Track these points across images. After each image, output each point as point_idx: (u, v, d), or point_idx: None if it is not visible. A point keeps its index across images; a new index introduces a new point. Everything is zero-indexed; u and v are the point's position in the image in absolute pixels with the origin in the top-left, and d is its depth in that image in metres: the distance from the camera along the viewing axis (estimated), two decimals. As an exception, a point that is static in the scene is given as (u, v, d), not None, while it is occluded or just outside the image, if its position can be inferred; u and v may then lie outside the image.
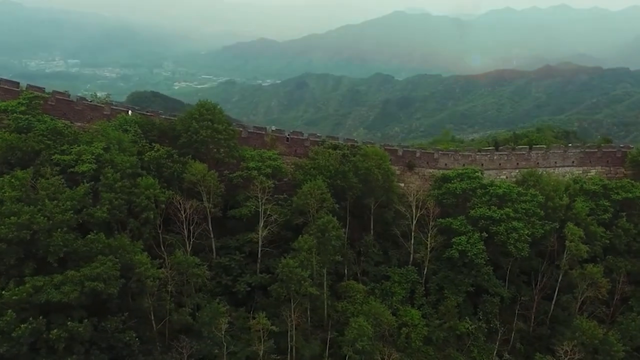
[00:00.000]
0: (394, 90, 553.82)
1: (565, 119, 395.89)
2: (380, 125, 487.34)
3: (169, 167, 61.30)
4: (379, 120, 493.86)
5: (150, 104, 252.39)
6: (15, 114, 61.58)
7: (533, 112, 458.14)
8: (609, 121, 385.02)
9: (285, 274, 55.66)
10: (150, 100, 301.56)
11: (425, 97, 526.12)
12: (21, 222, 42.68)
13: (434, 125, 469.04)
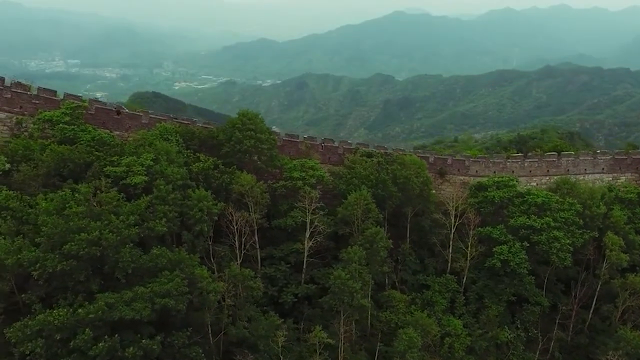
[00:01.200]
0: (394, 90, 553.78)
1: (566, 120, 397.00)
2: (381, 125, 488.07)
3: (216, 178, 60.95)
4: (380, 121, 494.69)
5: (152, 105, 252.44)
6: (60, 125, 61.20)
7: (534, 113, 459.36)
8: (610, 122, 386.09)
9: (338, 286, 55.48)
10: (151, 101, 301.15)
11: (426, 98, 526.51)
12: (91, 238, 42.44)
13: (434, 125, 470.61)
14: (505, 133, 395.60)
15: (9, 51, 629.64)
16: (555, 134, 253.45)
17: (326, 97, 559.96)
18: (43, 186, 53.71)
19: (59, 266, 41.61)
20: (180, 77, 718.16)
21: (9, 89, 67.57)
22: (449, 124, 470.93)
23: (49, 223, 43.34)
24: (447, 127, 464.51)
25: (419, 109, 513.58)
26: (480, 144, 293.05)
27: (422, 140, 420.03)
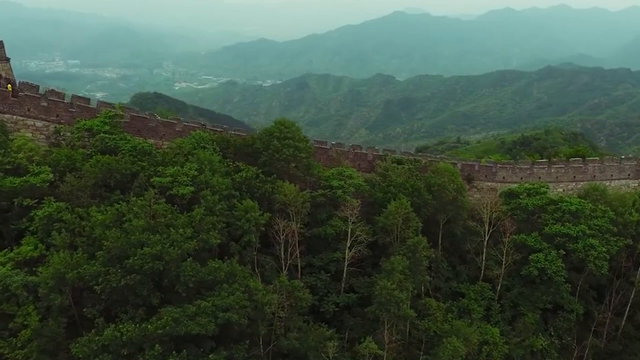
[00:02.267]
0: (395, 90, 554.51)
1: (568, 120, 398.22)
2: (382, 126, 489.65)
3: (259, 187, 60.85)
4: (381, 121, 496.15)
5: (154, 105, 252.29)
6: (101, 134, 61.09)
7: (535, 113, 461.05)
8: (611, 122, 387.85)
9: (384, 296, 55.51)
10: (153, 102, 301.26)
11: (427, 98, 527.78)
12: (154, 252, 42.41)
13: (435, 125, 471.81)
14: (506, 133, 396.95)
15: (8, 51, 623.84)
16: (559, 135, 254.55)
17: (327, 98, 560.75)
18: (90, 197, 53.57)
19: (123, 281, 41.56)
20: (180, 77, 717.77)
21: (45, 97, 67.60)
22: (450, 124, 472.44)
23: (109, 237, 43.24)
24: (448, 127, 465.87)
25: (419, 109, 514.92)
26: (483, 144, 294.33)
27: (423, 140, 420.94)
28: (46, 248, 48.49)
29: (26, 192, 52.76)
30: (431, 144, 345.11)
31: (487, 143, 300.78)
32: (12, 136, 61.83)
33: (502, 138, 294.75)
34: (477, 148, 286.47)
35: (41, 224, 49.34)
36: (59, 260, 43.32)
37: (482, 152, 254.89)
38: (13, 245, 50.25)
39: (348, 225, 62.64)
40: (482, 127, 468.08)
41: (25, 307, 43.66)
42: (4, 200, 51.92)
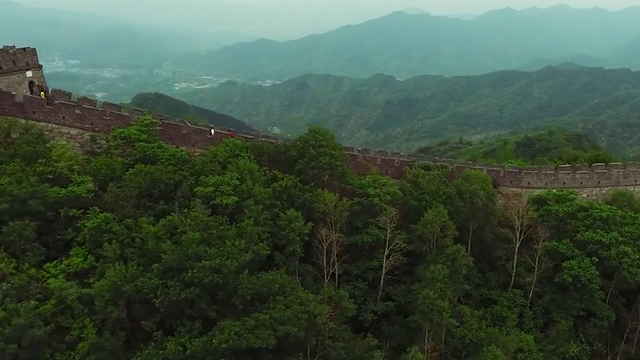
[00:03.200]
0: (395, 91, 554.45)
1: (569, 120, 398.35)
2: (383, 126, 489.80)
3: (298, 196, 60.80)
4: (381, 121, 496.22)
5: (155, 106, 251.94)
6: (140, 143, 61.07)
7: (535, 113, 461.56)
8: (612, 122, 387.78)
9: (427, 305, 55.60)
10: (154, 102, 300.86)
11: (427, 98, 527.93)
12: (214, 265, 42.36)
13: (436, 126, 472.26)
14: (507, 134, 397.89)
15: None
16: (563, 136, 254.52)
17: (327, 98, 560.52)
18: (135, 207, 53.51)
19: (183, 294, 41.51)
20: (180, 77, 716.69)
21: (79, 105, 67.61)
22: (451, 124, 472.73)
23: (166, 250, 43.18)
24: (449, 127, 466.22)
25: (420, 109, 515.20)
26: (486, 145, 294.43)
27: (424, 141, 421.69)
28: (95, 259, 48.44)
29: (71, 202, 52.70)
30: (433, 145, 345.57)
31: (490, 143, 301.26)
32: (49, 144, 61.94)
33: (506, 139, 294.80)
34: (479, 149, 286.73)
35: (90, 235, 49.21)
36: (115, 273, 43.28)
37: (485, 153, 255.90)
38: (61, 256, 50.18)
39: (386, 234, 62.64)
40: (482, 127, 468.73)
41: (80, 320, 43.62)
42: (49, 211, 51.76)
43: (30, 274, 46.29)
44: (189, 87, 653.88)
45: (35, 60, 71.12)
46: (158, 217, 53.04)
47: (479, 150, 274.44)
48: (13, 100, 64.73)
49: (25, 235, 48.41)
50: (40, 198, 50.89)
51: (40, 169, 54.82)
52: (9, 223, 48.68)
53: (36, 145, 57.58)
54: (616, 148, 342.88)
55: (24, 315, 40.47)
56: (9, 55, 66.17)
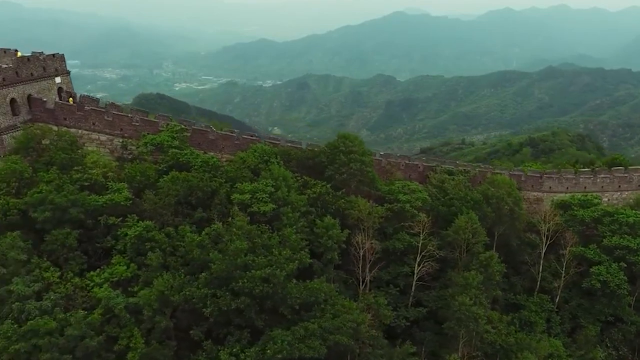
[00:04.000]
0: (396, 91, 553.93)
1: (570, 121, 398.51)
2: (383, 126, 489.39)
3: (332, 203, 60.81)
4: (382, 122, 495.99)
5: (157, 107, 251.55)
6: (173, 150, 61.13)
7: (536, 114, 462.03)
8: (614, 123, 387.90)
9: (463, 313, 55.70)
10: (156, 102, 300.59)
11: (428, 98, 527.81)
12: (264, 275, 42.39)
13: (437, 126, 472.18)
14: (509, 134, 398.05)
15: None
16: (566, 137, 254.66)
17: (328, 98, 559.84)
18: (173, 214, 53.52)
19: (234, 304, 41.55)
20: (180, 77, 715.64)
21: (109, 111, 67.59)
22: (452, 124, 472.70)
23: (214, 259, 43.20)
24: (450, 128, 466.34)
25: (421, 109, 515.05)
26: (489, 146, 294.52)
27: (426, 141, 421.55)
28: (138, 268, 48.49)
29: (109, 210, 52.72)
30: (435, 145, 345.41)
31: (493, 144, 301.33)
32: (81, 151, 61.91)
33: (509, 140, 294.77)
34: (482, 149, 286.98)
35: (131, 243, 49.21)
36: (162, 282, 43.28)
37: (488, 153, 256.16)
38: (102, 264, 50.20)
39: (417, 240, 62.70)
40: (483, 127, 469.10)
41: (127, 329, 43.61)
42: (89, 219, 51.76)
43: (74, 282, 46.27)
44: (189, 88, 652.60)
45: (64, 66, 71.06)
46: (196, 224, 53.10)
47: (482, 151, 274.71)
48: (44, 106, 64.80)
49: (68, 243, 48.41)
50: (80, 206, 50.87)
51: (76, 176, 54.79)
52: (52, 232, 48.71)
53: (71, 153, 57.50)
54: (618, 149, 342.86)
55: (76, 325, 40.45)
56: (39, 62, 66.09)
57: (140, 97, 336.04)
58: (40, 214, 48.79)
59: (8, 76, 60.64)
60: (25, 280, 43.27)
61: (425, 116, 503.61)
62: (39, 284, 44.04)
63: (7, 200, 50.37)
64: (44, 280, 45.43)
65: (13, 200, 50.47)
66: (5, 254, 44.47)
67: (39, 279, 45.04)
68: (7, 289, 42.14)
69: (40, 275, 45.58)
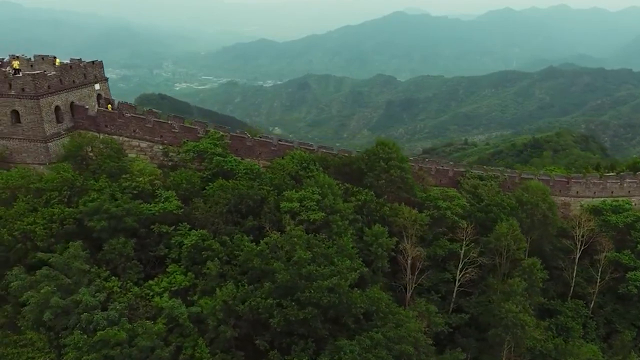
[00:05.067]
0: (396, 91, 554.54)
1: (571, 121, 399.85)
2: (384, 126, 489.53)
3: (376, 210, 61.15)
4: (383, 122, 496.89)
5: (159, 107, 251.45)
6: (217, 157, 61.43)
7: (537, 114, 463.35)
8: (615, 123, 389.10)
9: (510, 320, 56.11)
10: (158, 103, 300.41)
11: (429, 99, 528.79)
12: (331, 286, 42.72)
13: (438, 126, 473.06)
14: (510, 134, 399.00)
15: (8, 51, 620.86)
16: (570, 137, 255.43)
17: (328, 98, 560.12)
18: (224, 223, 53.81)
19: (301, 314, 41.86)
20: (180, 77, 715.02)
21: (150, 118, 67.85)
22: (452, 124, 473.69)
23: (277, 269, 43.52)
24: (451, 128, 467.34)
25: (421, 110, 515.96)
26: (493, 146, 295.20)
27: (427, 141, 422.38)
28: (195, 276, 48.80)
29: (160, 218, 52.98)
30: (438, 146, 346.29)
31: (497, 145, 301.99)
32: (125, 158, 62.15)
33: (513, 140, 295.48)
34: (485, 150, 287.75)
35: (188, 252, 49.48)
36: (226, 292, 43.56)
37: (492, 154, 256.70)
38: (156, 273, 50.49)
39: (458, 247, 63.12)
40: (484, 127, 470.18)
41: (190, 339, 43.86)
42: (142, 227, 52.02)
43: (135, 292, 46.54)
44: (189, 88, 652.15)
45: (102, 73, 71.49)
46: (248, 233, 53.39)
47: (485, 152, 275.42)
48: (86, 113, 65.05)
49: (125, 252, 48.69)
50: (134, 215, 51.14)
51: (125, 184, 55.02)
52: (110, 241, 48.94)
53: (117, 161, 57.76)
54: (619, 149, 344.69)
55: (147, 336, 40.69)
56: (80, 69, 66.35)
57: (142, 98, 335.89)
58: (97, 223, 49.01)
59: (53, 84, 60.75)
60: (90, 290, 43.48)
61: (426, 116, 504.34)
62: (104, 294, 44.26)
63: (63, 209, 50.57)
64: (105, 289, 45.64)
65: (68, 210, 50.66)
66: (68, 264, 44.68)
67: (101, 288, 45.26)
68: (74, 299, 42.27)
69: (102, 284, 45.82)
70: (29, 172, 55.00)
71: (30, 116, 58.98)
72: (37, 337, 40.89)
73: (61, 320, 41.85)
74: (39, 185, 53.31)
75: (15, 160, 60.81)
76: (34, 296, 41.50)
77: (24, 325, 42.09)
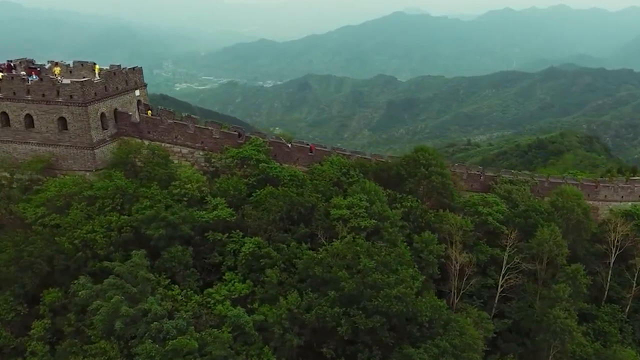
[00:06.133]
0: (397, 91, 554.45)
1: (572, 121, 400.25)
2: (385, 127, 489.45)
3: (422, 217, 61.47)
4: (384, 122, 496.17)
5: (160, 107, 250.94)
6: (262, 164, 61.71)
7: (538, 114, 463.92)
8: (616, 123, 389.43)
9: (558, 326, 56.49)
10: (159, 103, 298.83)
11: (430, 99, 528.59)
12: (398, 294, 43.06)
13: (439, 126, 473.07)
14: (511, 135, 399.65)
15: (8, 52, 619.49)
16: (574, 138, 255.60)
17: (329, 98, 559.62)
18: (276, 230, 54.11)
19: (370, 323, 42.18)
20: (180, 77, 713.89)
21: (192, 124, 68.10)
22: (454, 125, 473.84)
23: (342, 278, 43.81)
24: (452, 128, 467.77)
25: (422, 110, 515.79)
26: (496, 147, 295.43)
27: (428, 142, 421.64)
28: (253, 284, 49.08)
29: (212, 225, 53.24)
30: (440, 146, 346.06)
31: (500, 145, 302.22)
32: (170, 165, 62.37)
33: (517, 141, 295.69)
34: (489, 150, 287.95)
35: (245, 259, 49.74)
36: (292, 300, 43.83)
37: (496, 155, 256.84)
38: (211, 280, 50.76)
39: (500, 252, 63.47)
40: (485, 128, 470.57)
41: (255, 347, 44.09)
42: (196, 235, 52.28)
43: (196, 300, 46.78)
44: (189, 88, 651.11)
45: (142, 79, 71.48)
46: (300, 240, 53.69)
47: (489, 152, 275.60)
48: (129, 120, 65.29)
49: (185, 261, 48.94)
50: (189, 222, 51.40)
51: (175, 192, 55.27)
52: (169, 249, 49.18)
53: (166, 167, 58.03)
54: (621, 149, 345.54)
55: (219, 344, 40.91)
56: (122, 75, 66.49)
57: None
58: (155, 231, 49.26)
59: (99, 91, 61.04)
60: (157, 299, 43.72)
61: (427, 116, 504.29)
62: (170, 303, 44.50)
63: (118, 217, 50.81)
64: (167, 298, 45.88)
65: (124, 217, 50.90)
66: (133, 272, 44.90)
67: (164, 297, 45.50)
68: (140, 307, 42.48)
69: (164, 293, 46.06)
70: (80, 180, 55.16)
71: (77, 123, 59.23)
72: (109, 346, 41.08)
73: (130, 329, 42.05)
74: (91, 193, 53.50)
75: (61, 167, 61.11)
76: (104, 305, 41.70)
77: (94, 335, 42.26)
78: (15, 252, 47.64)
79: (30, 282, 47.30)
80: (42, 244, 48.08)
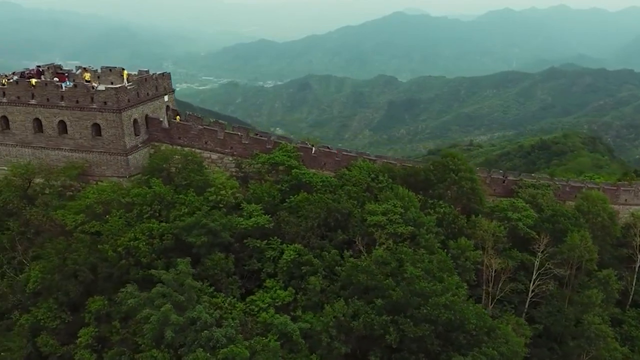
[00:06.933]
0: (397, 92, 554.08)
1: (573, 122, 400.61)
2: (386, 127, 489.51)
3: (455, 223, 61.62)
4: (384, 122, 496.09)
5: None
6: (295, 170, 61.90)
7: (539, 114, 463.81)
8: (617, 124, 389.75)
9: (593, 332, 56.73)
10: None
11: (430, 99, 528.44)
12: (447, 303, 43.25)
13: (439, 127, 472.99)
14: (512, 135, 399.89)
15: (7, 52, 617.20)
16: (578, 139, 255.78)
17: (329, 99, 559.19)
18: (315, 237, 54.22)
19: (419, 331, 42.34)
20: (180, 78, 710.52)
21: (221, 130, 68.22)
22: (454, 125, 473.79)
23: (386, 286, 43.95)
24: (452, 128, 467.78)
25: (423, 110, 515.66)
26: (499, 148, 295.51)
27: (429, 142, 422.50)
28: (295, 292, 49.20)
29: (250, 232, 53.35)
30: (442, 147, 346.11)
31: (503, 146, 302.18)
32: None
33: (520, 142, 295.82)
34: (491, 151, 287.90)
35: (287, 266, 49.86)
36: (339, 308, 43.96)
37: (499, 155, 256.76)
38: (252, 288, 50.89)
39: (530, 258, 63.64)
40: (486, 128, 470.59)
41: (301, 355, 44.23)
42: (235, 242, 52.41)
43: (241, 308, 46.89)
44: (190, 88, 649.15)
45: (170, 85, 71.69)
46: (338, 247, 53.83)
47: (491, 153, 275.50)
48: (160, 126, 65.41)
49: (227, 268, 49.06)
50: (229, 229, 51.51)
51: (211, 198, 55.38)
52: (211, 256, 49.30)
53: (201, 174, 58.17)
54: (623, 149, 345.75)
55: (270, 353, 41.04)
56: (152, 81, 66.66)
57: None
58: (196, 238, 49.37)
59: (132, 97, 61.11)
60: (205, 307, 43.83)
61: (428, 117, 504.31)
62: (218, 311, 44.61)
63: (159, 224, 50.91)
64: (213, 305, 45.97)
65: (165, 225, 51.02)
66: (179, 280, 45.01)
67: (210, 305, 45.60)
68: (189, 316, 42.58)
69: (209, 301, 46.15)
70: (118, 186, 55.28)
71: (111, 129, 59.30)
72: (160, 355, 41.15)
73: (179, 337, 42.14)
74: (128, 200, 53.60)
75: (95, 173, 61.21)
76: (154, 314, 41.76)
77: (144, 343, 42.34)
78: (59, 260, 47.72)
79: (74, 289, 47.40)
80: (85, 251, 48.21)
